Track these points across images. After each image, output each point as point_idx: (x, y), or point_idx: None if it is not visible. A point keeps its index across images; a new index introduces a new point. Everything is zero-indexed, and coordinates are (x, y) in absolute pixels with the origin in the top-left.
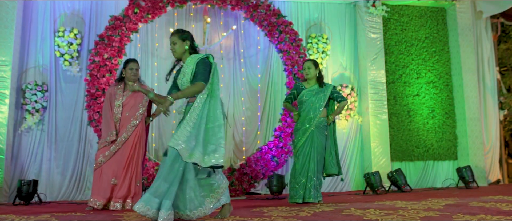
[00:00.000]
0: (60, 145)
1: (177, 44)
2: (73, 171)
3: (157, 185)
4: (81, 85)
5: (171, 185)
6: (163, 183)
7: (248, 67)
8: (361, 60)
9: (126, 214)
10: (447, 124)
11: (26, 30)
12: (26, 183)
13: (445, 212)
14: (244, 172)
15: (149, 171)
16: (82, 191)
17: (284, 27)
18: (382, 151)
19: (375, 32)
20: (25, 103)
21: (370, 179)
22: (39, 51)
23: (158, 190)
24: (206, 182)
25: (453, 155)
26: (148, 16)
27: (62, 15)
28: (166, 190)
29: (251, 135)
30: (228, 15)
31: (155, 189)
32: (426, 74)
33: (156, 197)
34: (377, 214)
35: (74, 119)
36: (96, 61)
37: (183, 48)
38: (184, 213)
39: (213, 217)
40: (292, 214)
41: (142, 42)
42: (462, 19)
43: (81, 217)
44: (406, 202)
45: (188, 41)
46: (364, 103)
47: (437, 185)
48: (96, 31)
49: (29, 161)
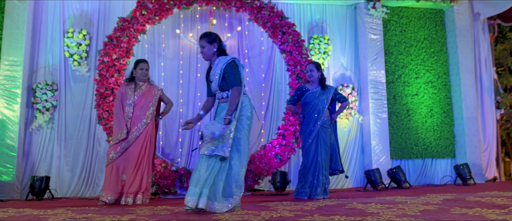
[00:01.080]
0: (70, 142)
1: (206, 47)
2: (82, 168)
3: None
4: (90, 85)
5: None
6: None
7: (252, 67)
8: (361, 61)
9: (138, 208)
10: (445, 123)
11: (36, 31)
12: (39, 179)
13: (443, 206)
14: (248, 169)
15: (157, 168)
16: (91, 187)
17: (287, 28)
18: (382, 149)
19: (375, 33)
20: (35, 102)
21: (371, 176)
22: (49, 52)
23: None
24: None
25: (451, 153)
26: (155, 18)
27: (71, 16)
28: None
29: (255, 133)
30: (232, 17)
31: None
32: (425, 74)
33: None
34: (378, 207)
35: (83, 118)
36: (105, 61)
37: (211, 50)
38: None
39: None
40: (297, 208)
41: (149, 43)
42: (460, 21)
43: (95, 211)
44: (405, 197)
45: (215, 43)
46: (364, 102)
47: (436, 182)
48: (104, 32)
49: (39, 158)
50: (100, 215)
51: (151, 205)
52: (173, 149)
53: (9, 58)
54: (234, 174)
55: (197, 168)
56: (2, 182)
